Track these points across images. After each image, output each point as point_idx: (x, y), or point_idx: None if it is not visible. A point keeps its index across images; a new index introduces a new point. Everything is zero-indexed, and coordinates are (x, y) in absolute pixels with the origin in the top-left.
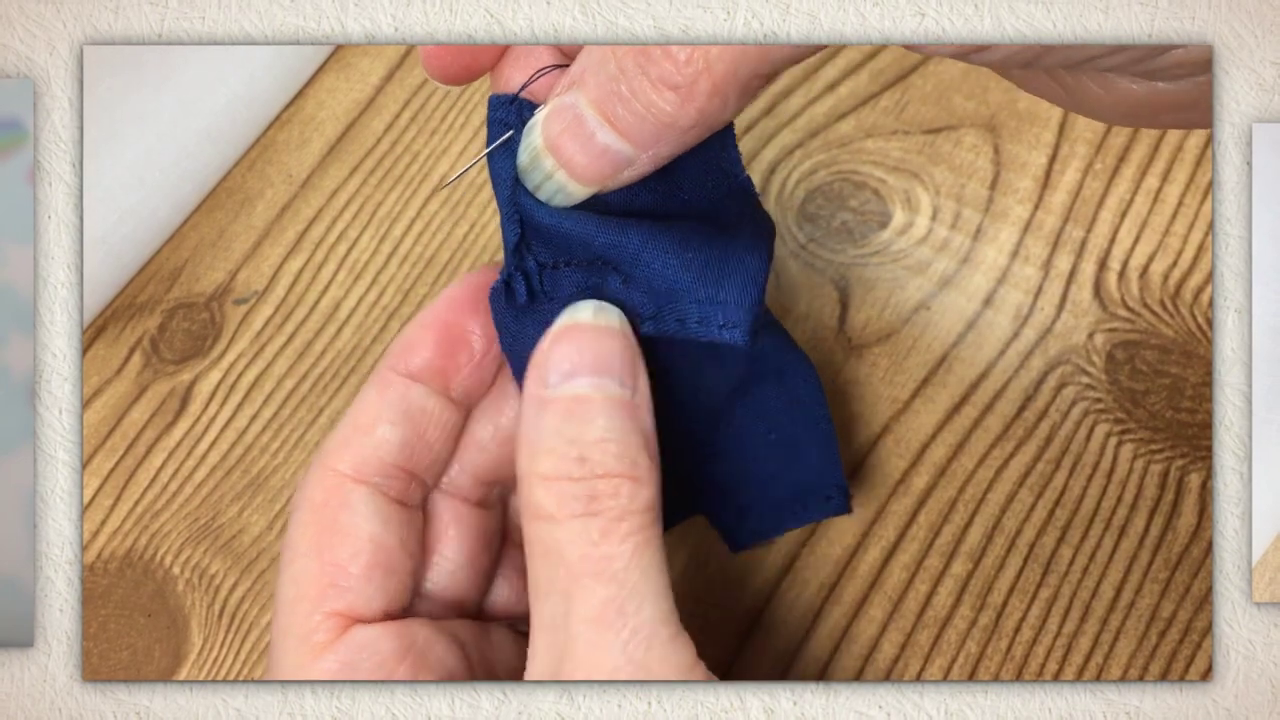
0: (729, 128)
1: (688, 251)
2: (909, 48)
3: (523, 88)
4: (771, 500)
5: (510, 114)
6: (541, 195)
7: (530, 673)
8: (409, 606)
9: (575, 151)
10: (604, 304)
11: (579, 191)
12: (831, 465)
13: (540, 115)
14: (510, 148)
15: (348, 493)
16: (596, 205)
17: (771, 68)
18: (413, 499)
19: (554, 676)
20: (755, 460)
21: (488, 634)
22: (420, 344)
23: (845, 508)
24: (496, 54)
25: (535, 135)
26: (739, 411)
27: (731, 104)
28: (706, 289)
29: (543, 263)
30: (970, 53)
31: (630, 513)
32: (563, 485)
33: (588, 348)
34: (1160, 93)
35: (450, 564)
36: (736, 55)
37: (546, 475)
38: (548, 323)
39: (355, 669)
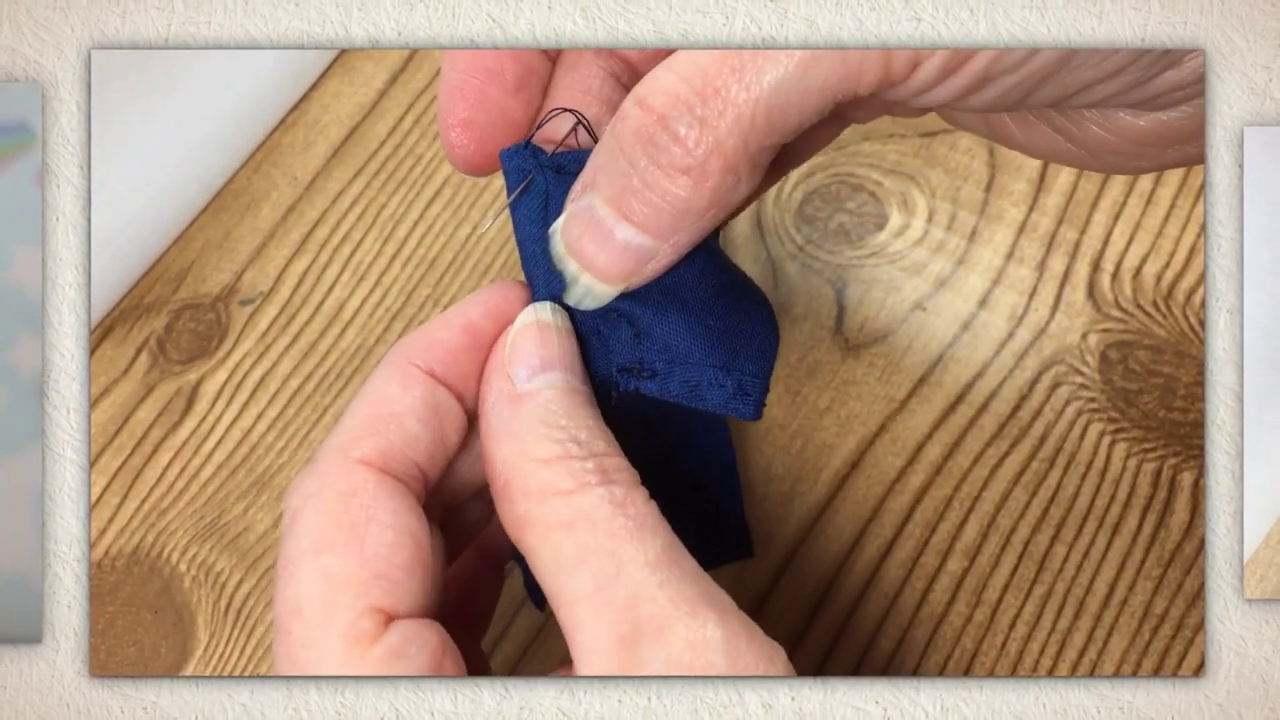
0: None
1: (710, 319)
2: (906, 112)
3: (533, 133)
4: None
5: (526, 159)
6: (571, 300)
7: (585, 647)
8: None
9: (596, 252)
10: (557, 306)
11: (606, 291)
12: (739, 512)
13: (559, 222)
14: (531, 192)
15: (378, 483)
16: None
17: (780, 137)
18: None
19: (625, 631)
20: (671, 506)
21: None
22: (445, 343)
23: (749, 551)
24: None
25: (556, 242)
26: (675, 462)
27: (744, 180)
28: (723, 355)
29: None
30: (961, 97)
31: (637, 484)
32: (570, 463)
33: (553, 344)
34: (1163, 124)
35: None
36: (745, 128)
37: (548, 458)
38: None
39: (406, 661)
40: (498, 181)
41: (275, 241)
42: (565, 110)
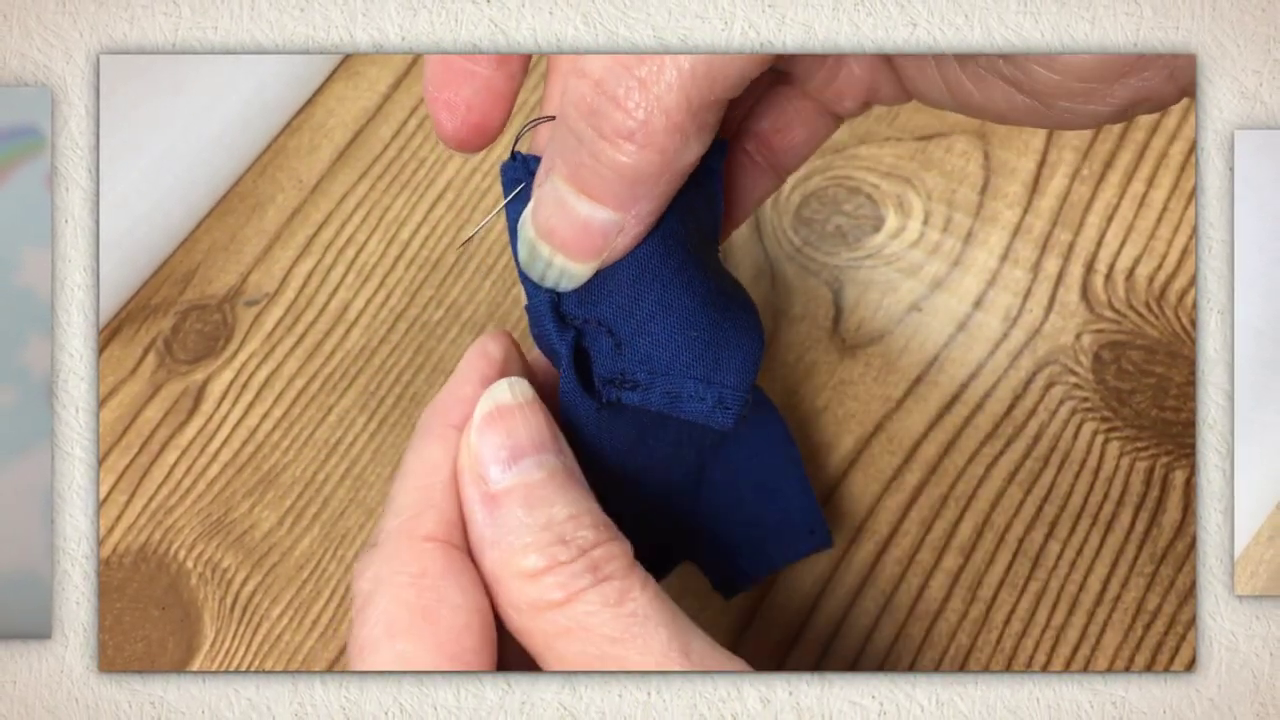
0: (714, 165)
1: (692, 330)
2: (884, 93)
3: (515, 141)
4: (756, 542)
5: (518, 169)
6: (547, 283)
7: None
8: None
9: (564, 231)
10: (515, 379)
11: (580, 270)
12: (809, 503)
13: (528, 210)
14: (521, 198)
15: (445, 560)
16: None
17: (723, 91)
18: None
19: None
20: (736, 507)
21: None
22: (470, 399)
23: (828, 541)
24: (503, 117)
25: (528, 228)
26: (718, 463)
27: (692, 139)
28: (704, 368)
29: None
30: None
31: (631, 568)
32: (558, 572)
33: (521, 428)
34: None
35: None
36: (685, 81)
37: (535, 570)
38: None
39: None
40: (500, 185)
41: (280, 243)
42: (546, 118)
